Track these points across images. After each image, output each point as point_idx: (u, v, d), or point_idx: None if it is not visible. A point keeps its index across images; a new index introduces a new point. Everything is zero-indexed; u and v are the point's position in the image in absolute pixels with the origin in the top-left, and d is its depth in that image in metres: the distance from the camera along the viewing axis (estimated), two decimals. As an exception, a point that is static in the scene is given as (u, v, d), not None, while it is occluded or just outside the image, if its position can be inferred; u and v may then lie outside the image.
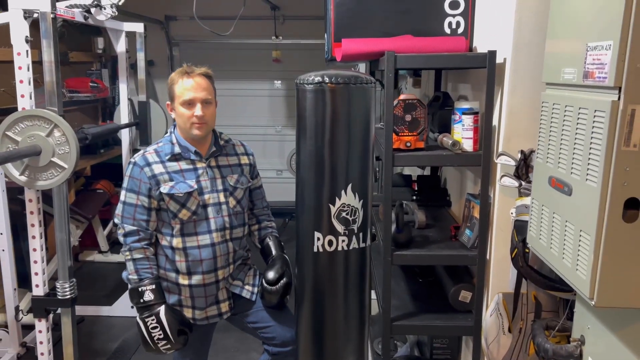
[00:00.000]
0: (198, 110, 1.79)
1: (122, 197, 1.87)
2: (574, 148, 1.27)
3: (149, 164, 1.84)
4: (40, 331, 2.42)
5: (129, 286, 1.86)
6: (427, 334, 2.61)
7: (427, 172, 3.28)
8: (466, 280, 2.40)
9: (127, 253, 1.86)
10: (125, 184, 1.86)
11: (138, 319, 1.81)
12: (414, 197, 2.88)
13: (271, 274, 1.91)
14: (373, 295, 2.07)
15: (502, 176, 2.01)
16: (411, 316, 2.34)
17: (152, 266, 1.87)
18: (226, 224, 1.92)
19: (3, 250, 2.85)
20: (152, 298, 1.80)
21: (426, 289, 2.60)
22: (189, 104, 1.79)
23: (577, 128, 1.26)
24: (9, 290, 2.91)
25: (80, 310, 3.45)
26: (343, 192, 1.60)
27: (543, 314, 1.87)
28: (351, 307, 1.69)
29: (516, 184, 1.95)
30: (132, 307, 3.46)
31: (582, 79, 1.23)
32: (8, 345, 3.00)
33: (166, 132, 1.96)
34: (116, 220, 1.89)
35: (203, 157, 1.88)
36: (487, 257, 2.20)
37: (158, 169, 1.84)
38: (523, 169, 1.96)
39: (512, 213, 2.03)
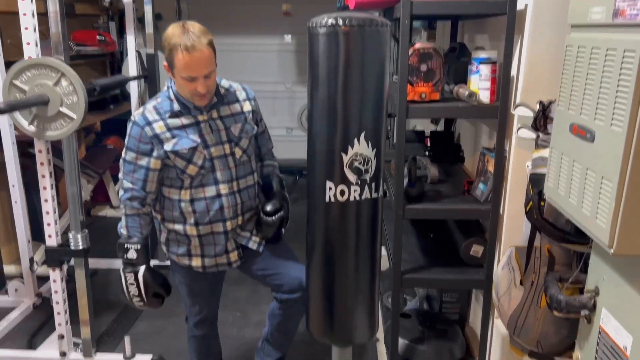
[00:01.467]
0: (201, 86, 1.72)
1: (123, 154, 1.85)
2: (599, 93, 1.21)
3: (149, 123, 1.80)
4: (54, 281, 2.45)
5: (119, 233, 1.90)
6: (437, 287, 2.61)
7: (440, 127, 3.22)
8: (478, 235, 2.38)
9: (122, 207, 1.89)
10: (126, 142, 1.84)
11: (120, 270, 1.87)
12: (427, 153, 2.84)
13: (269, 207, 1.93)
14: (383, 251, 2.06)
15: (519, 128, 1.96)
16: (421, 270, 2.34)
17: (143, 225, 1.88)
18: (233, 176, 1.90)
19: (15, 202, 2.88)
20: (135, 257, 1.84)
21: (437, 244, 2.59)
22: (191, 79, 1.72)
23: (603, 71, 1.20)
24: (23, 241, 2.95)
25: (93, 263, 3.50)
26: (356, 140, 1.56)
27: (556, 267, 1.85)
28: (362, 258, 1.68)
29: (533, 135, 1.90)
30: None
31: (612, 18, 1.16)
32: (24, 295, 3.06)
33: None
34: (119, 175, 1.89)
35: (204, 110, 1.83)
36: (501, 211, 2.17)
37: (159, 127, 1.80)
38: (541, 120, 1.90)
39: (527, 166, 1.99)
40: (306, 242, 1.74)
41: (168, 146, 1.80)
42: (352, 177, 1.59)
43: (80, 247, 2.38)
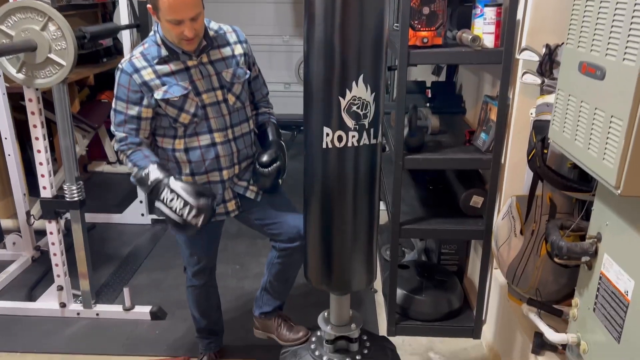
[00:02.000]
0: (188, 30, 1.63)
1: (113, 104, 1.79)
2: (612, 26, 1.15)
3: (137, 70, 1.72)
4: (51, 233, 2.43)
5: (134, 180, 1.81)
6: (436, 237, 2.60)
7: (441, 78, 3.14)
8: (478, 185, 2.35)
9: (122, 155, 1.82)
10: (115, 91, 1.77)
11: (157, 203, 1.73)
12: (428, 104, 2.77)
13: (264, 157, 1.87)
14: (382, 206, 2.03)
15: (524, 73, 1.89)
16: (420, 221, 2.32)
17: (149, 155, 1.81)
18: (227, 123, 1.84)
19: (9, 155, 2.83)
20: (158, 175, 1.72)
21: (436, 196, 2.56)
22: (177, 22, 1.63)
23: (617, 3, 1.13)
24: (19, 195, 2.92)
25: (91, 217, 3.49)
26: (354, 83, 1.49)
27: (557, 216, 1.82)
28: (360, 205, 1.64)
29: (538, 81, 1.84)
30: (142, 215, 3.53)
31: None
32: (22, 248, 3.06)
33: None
34: (111, 127, 1.83)
35: (193, 55, 1.75)
36: (502, 160, 2.13)
37: (147, 74, 1.73)
38: (547, 65, 1.83)
39: (531, 113, 1.93)
40: (304, 190, 1.70)
41: (158, 94, 1.73)
42: (350, 122, 1.53)
43: (76, 199, 2.35)
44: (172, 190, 1.69)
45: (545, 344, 1.77)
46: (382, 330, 2.44)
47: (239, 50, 1.85)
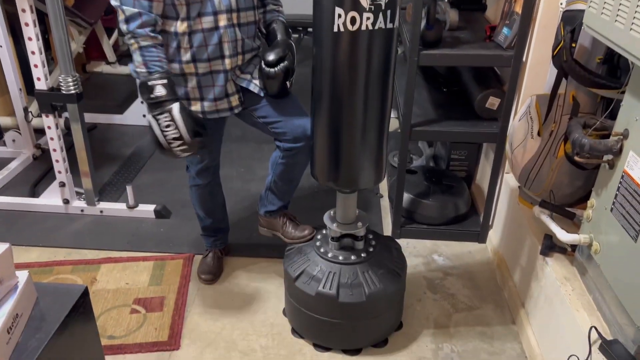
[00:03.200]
0: None
1: None
2: None
3: None
4: (49, 127, 2.36)
5: (137, 81, 1.69)
6: (448, 139, 2.51)
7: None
8: (495, 87, 2.23)
9: (132, 42, 1.64)
10: None
11: (149, 117, 1.63)
12: (446, -2, 2.57)
13: (271, 56, 1.72)
14: (392, 114, 1.91)
15: (558, -44, 1.71)
16: (432, 123, 2.22)
17: (162, 58, 1.66)
18: (232, 5, 1.69)
19: (1, 46, 2.69)
20: (164, 93, 1.60)
21: (450, 98, 2.45)
22: None
23: None
24: (14, 90, 2.81)
25: (92, 118, 3.41)
26: (371, -45, 1.34)
27: (580, 116, 1.72)
28: (372, 98, 1.54)
29: (574, -36, 1.66)
30: (144, 115, 3.43)
31: None
32: (22, 146, 3.00)
33: None
34: (113, 2, 1.65)
35: None
36: (524, 58, 1.99)
37: None
38: (585, -54, 1.65)
39: (561, 4, 1.77)
40: (312, 80, 1.59)
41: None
42: (364, 1, 1.39)
43: (72, 91, 2.24)
44: (171, 118, 1.58)
45: (554, 245, 1.74)
46: (387, 233, 2.43)
47: None
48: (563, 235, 1.63)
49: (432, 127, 2.19)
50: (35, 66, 2.20)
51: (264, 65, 1.75)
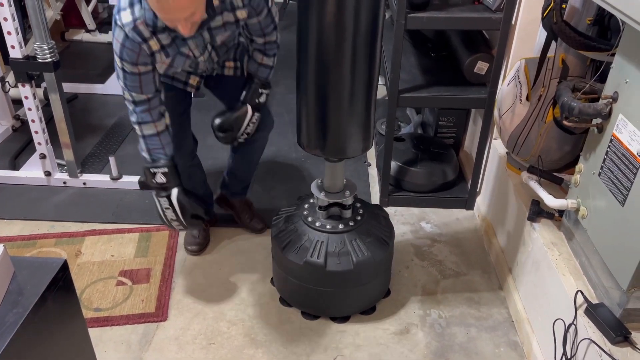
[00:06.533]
0: (184, 27, 1.41)
1: (118, 64, 1.53)
2: None
3: (145, 40, 1.49)
4: (26, 97, 2.28)
5: (141, 155, 1.72)
6: (436, 105, 2.48)
7: None
8: (483, 51, 2.19)
9: (137, 127, 1.66)
10: (118, 52, 1.50)
11: (153, 196, 1.72)
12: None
13: (217, 120, 1.77)
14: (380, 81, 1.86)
15: None
16: (420, 88, 2.19)
17: (165, 144, 1.69)
18: (213, 58, 1.75)
19: (-28, 13, 2.57)
20: (165, 181, 1.67)
21: (438, 63, 2.40)
22: (169, 21, 1.42)
23: None
24: (-11, 58, 2.71)
25: (72, 87, 3.31)
26: None
27: (569, 79, 1.69)
28: (359, 61, 1.49)
29: None
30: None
31: None
32: (0, 117, 2.92)
33: None
34: (120, 83, 1.60)
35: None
36: (513, 20, 1.94)
37: (154, 45, 1.51)
38: None
39: (552, -37, 1.72)
40: (297, 43, 1.54)
41: (162, 67, 1.62)
42: (350, -40, 1.34)
43: (49, 59, 2.16)
44: (170, 202, 1.69)
45: (542, 211, 1.74)
46: (375, 201, 2.41)
47: (242, 14, 1.60)
48: (550, 201, 1.62)
49: (420, 93, 2.15)
50: (9, 33, 2.11)
51: (212, 129, 1.79)
